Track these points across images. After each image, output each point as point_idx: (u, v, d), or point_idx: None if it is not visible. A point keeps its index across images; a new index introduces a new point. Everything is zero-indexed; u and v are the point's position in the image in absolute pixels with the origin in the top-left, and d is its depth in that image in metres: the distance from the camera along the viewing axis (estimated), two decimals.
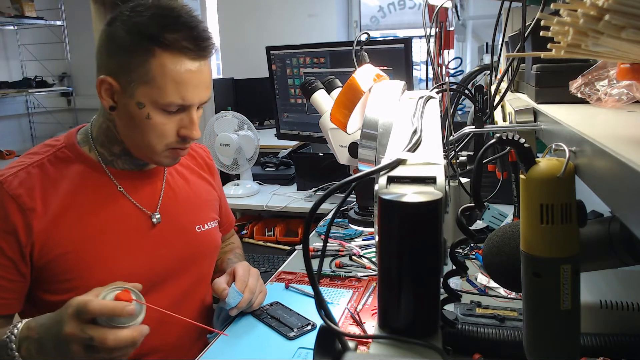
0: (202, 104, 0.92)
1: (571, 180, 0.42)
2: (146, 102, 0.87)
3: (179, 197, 1.06)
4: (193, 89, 0.88)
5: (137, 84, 0.86)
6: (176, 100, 0.87)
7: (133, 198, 0.98)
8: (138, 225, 0.98)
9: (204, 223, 1.09)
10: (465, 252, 1.21)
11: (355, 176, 0.46)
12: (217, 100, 3.21)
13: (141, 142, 0.92)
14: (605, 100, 0.51)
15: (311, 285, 0.45)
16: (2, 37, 3.92)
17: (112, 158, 0.97)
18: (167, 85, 0.86)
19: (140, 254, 0.96)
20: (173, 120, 0.90)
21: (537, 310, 0.45)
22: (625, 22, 0.29)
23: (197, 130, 0.92)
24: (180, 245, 1.03)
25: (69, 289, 0.88)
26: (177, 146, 0.93)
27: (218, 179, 1.23)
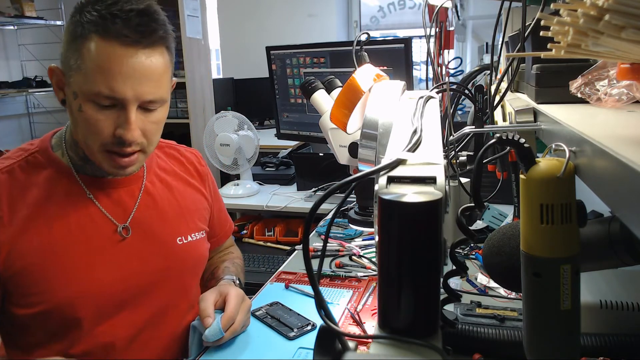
0: (144, 101, 0.82)
1: (571, 180, 0.42)
2: (78, 92, 0.81)
3: (159, 206, 0.98)
4: (124, 79, 0.79)
5: (74, 72, 0.80)
6: (103, 91, 0.78)
7: (104, 207, 0.91)
8: (107, 236, 0.91)
9: (187, 234, 1.01)
10: (465, 252, 1.21)
11: (355, 176, 0.46)
12: (217, 100, 3.21)
13: (81, 138, 0.86)
14: (605, 100, 0.51)
15: (311, 285, 0.45)
16: (2, 37, 3.92)
17: (81, 163, 0.91)
18: (95, 73, 0.78)
19: (108, 267, 0.90)
20: (108, 116, 0.81)
21: (537, 310, 0.45)
22: (625, 22, 0.29)
23: (131, 131, 0.82)
24: (156, 259, 0.95)
25: (35, 302, 0.85)
26: (113, 149, 0.84)
27: (211, 186, 1.15)
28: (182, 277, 1.01)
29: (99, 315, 0.89)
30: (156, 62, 0.82)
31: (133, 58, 0.79)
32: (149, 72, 0.81)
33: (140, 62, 0.80)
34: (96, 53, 0.78)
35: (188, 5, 2.83)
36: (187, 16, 2.81)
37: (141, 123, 0.84)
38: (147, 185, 0.99)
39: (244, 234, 1.99)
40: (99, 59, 0.78)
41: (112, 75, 0.78)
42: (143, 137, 0.85)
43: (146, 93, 0.82)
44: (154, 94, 0.83)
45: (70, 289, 0.86)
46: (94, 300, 0.88)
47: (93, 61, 0.79)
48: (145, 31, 0.80)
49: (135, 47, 0.79)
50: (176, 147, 1.13)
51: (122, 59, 0.79)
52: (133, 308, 0.93)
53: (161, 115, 0.88)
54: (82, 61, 0.79)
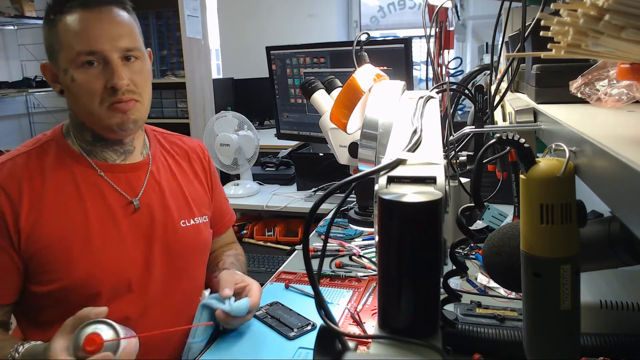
0: (123, 50, 0.92)
1: (571, 180, 0.42)
2: (66, 65, 0.90)
3: (164, 190, 1.05)
4: (97, 36, 0.89)
5: (58, 53, 0.91)
6: (83, 48, 0.88)
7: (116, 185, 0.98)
8: (120, 210, 0.97)
9: (190, 218, 1.07)
10: (465, 252, 1.21)
11: (355, 176, 0.46)
12: (217, 100, 3.21)
13: (82, 110, 0.93)
14: (605, 100, 0.51)
15: (311, 285, 0.45)
16: (2, 37, 3.92)
17: (90, 148, 0.98)
18: (72, 39, 0.89)
19: (121, 243, 0.96)
20: (96, 75, 0.90)
21: (537, 310, 0.45)
22: (625, 22, 0.29)
23: (119, 77, 0.90)
24: (162, 239, 1.01)
25: (54, 279, 0.90)
26: (111, 100, 0.92)
27: (213, 176, 1.20)
28: (187, 258, 1.06)
29: (112, 291, 0.94)
30: (122, 16, 0.94)
31: (98, 17, 0.91)
32: (116, 24, 0.92)
33: (106, 18, 0.92)
34: (68, 25, 0.90)
35: (188, 5, 2.83)
36: (187, 16, 2.81)
37: (128, 72, 0.93)
38: (152, 171, 1.05)
39: (244, 234, 1.99)
40: (72, 29, 0.90)
41: (86, 34, 0.89)
42: (133, 85, 0.93)
43: (120, 42, 0.91)
44: (128, 43, 0.93)
45: (87, 265, 0.92)
46: (108, 276, 0.93)
47: (67, 32, 0.90)
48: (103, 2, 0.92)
49: (98, 8, 0.91)
50: (180, 137, 1.19)
51: (90, 19, 0.90)
52: (141, 286, 0.98)
53: (142, 66, 0.96)
54: (60, 38, 0.90)
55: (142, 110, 0.97)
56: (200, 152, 1.18)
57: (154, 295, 0.99)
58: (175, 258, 1.03)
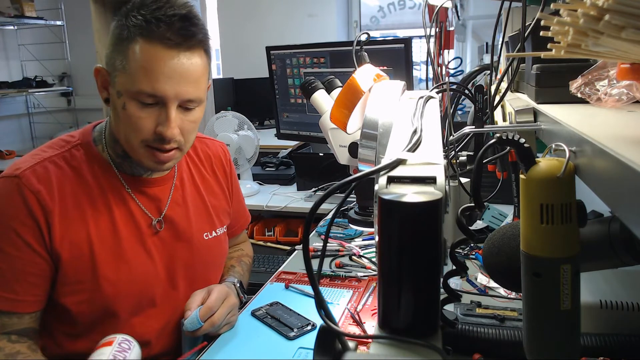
0: (184, 100, 0.87)
1: (571, 180, 0.42)
2: (122, 91, 0.85)
3: (188, 204, 1.04)
4: (166, 79, 0.84)
5: (118, 72, 0.85)
6: (146, 89, 0.83)
7: (140, 202, 0.97)
8: (144, 229, 0.97)
9: (212, 230, 1.07)
10: (465, 252, 1.21)
11: (355, 176, 0.46)
12: (217, 100, 3.21)
13: (122, 135, 0.90)
14: (605, 100, 0.51)
15: (311, 285, 0.45)
16: (2, 37, 3.92)
17: (120, 160, 0.96)
18: (138, 72, 0.83)
19: (146, 259, 0.96)
20: (149, 114, 0.86)
21: (537, 310, 0.45)
22: (625, 22, 0.29)
23: (171, 128, 0.86)
24: (185, 253, 1.01)
25: (80, 290, 0.90)
26: (154, 145, 0.88)
27: (233, 179, 1.19)
28: (208, 270, 1.07)
29: (136, 306, 0.95)
30: (195, 64, 0.87)
31: (174, 59, 0.84)
32: (188, 73, 0.86)
33: (181, 63, 0.85)
34: (140, 55, 0.83)
35: None
36: None
37: (180, 121, 0.88)
38: (177, 185, 1.04)
39: None
40: (143, 60, 0.83)
41: (155, 75, 0.83)
42: (181, 135, 0.89)
43: (185, 92, 0.86)
44: (193, 94, 0.88)
45: (113, 279, 0.91)
46: (133, 292, 0.93)
47: (137, 62, 0.83)
48: (186, 35, 0.84)
49: (177, 49, 0.84)
50: (204, 140, 1.17)
51: (165, 60, 0.83)
52: (164, 300, 0.98)
53: (198, 114, 0.92)
54: (127, 62, 0.84)
55: (180, 156, 0.95)
56: (222, 156, 1.17)
57: (175, 307, 0.99)
58: (197, 271, 1.03)
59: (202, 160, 1.12)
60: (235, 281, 1.09)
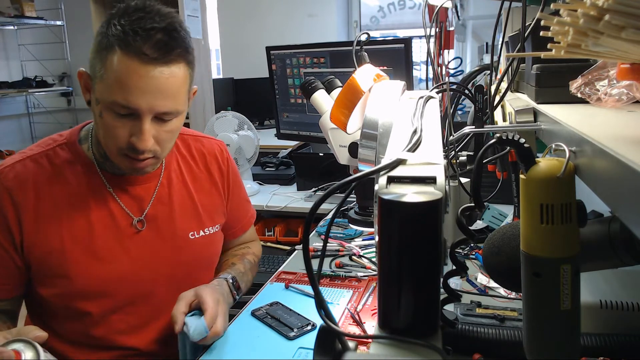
0: (159, 113, 0.86)
1: (571, 180, 0.42)
2: (99, 99, 0.85)
3: (173, 202, 1.03)
4: (140, 93, 0.82)
5: (97, 80, 0.85)
6: (119, 101, 0.83)
7: (122, 202, 0.97)
8: (124, 228, 0.96)
9: (200, 229, 1.05)
10: (465, 252, 1.21)
11: (355, 176, 0.46)
12: (217, 100, 3.21)
13: (101, 140, 0.91)
14: (605, 100, 0.51)
15: (311, 285, 0.45)
16: (2, 37, 3.92)
17: (102, 160, 0.96)
18: (113, 84, 0.82)
19: (124, 258, 0.95)
20: (124, 124, 0.86)
21: (537, 310, 0.45)
22: (625, 22, 0.29)
23: (144, 141, 0.86)
24: (167, 253, 1.00)
25: (56, 284, 0.91)
26: (129, 154, 0.88)
27: (232, 178, 1.16)
28: (193, 270, 1.05)
29: (114, 304, 0.95)
30: (173, 78, 0.85)
31: (150, 74, 0.82)
32: (165, 87, 0.84)
33: (156, 77, 0.83)
34: (117, 66, 0.82)
35: (188, 6, 2.83)
36: (187, 16, 2.81)
37: (155, 132, 0.88)
38: (163, 183, 1.03)
39: None
40: (118, 72, 0.82)
41: (128, 88, 0.82)
42: (156, 145, 0.89)
43: (161, 106, 0.85)
44: (169, 107, 0.87)
45: (88, 277, 0.92)
46: (110, 289, 0.93)
47: (113, 73, 0.82)
48: (164, 49, 0.83)
49: (154, 64, 0.82)
50: (200, 138, 1.15)
51: (140, 74, 0.82)
52: (145, 299, 0.98)
53: (175, 124, 0.91)
54: (104, 71, 0.83)
55: (157, 163, 0.95)
56: (218, 154, 1.14)
57: (159, 307, 0.99)
58: (182, 271, 1.02)
59: (195, 158, 1.11)
60: (229, 277, 1.05)
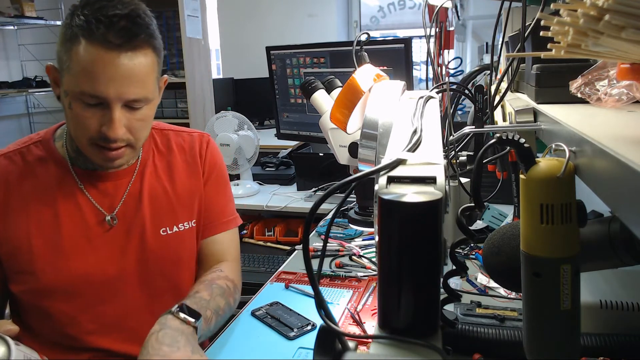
0: (128, 100, 0.85)
1: (571, 180, 0.42)
2: (68, 91, 0.85)
3: (145, 198, 1.00)
4: (107, 81, 0.82)
5: (65, 72, 0.85)
6: (87, 90, 0.82)
7: (93, 197, 0.96)
8: (94, 224, 0.95)
9: (174, 225, 1.02)
10: (465, 252, 1.21)
11: (355, 176, 0.46)
12: (217, 100, 3.21)
13: (72, 133, 0.91)
14: (605, 100, 0.51)
15: (311, 285, 0.45)
16: (2, 37, 3.92)
17: (75, 155, 0.96)
18: (80, 74, 0.83)
19: (93, 254, 0.94)
20: (93, 114, 0.85)
21: (537, 310, 0.45)
22: (625, 22, 0.29)
23: (115, 129, 0.85)
24: (136, 250, 0.97)
25: (25, 281, 0.91)
26: (101, 144, 0.87)
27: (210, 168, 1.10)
28: (165, 268, 1.01)
29: (84, 302, 0.94)
30: (139, 64, 0.85)
31: (115, 61, 0.82)
32: (131, 73, 0.84)
33: (122, 64, 0.83)
34: (82, 56, 0.82)
35: (188, 5, 2.83)
36: (187, 16, 2.81)
37: (126, 120, 0.87)
38: (136, 179, 1.01)
39: (244, 234, 1.99)
40: (84, 62, 0.82)
41: (95, 77, 0.82)
42: (129, 133, 0.89)
43: (129, 93, 0.85)
44: (138, 94, 0.86)
45: (56, 271, 0.91)
46: (77, 287, 0.93)
47: (79, 63, 0.83)
48: (128, 35, 0.83)
49: (118, 50, 0.82)
50: (181, 133, 1.11)
51: (106, 62, 0.82)
52: (115, 298, 0.96)
53: (147, 112, 0.91)
54: (70, 62, 0.83)
55: (133, 153, 0.94)
56: (198, 146, 1.09)
57: (133, 306, 0.97)
58: (153, 268, 0.99)
59: (174, 152, 1.07)
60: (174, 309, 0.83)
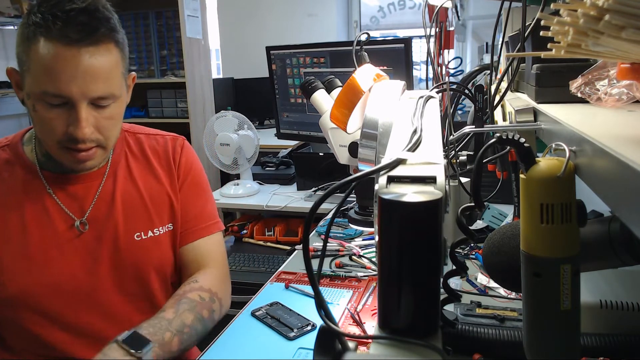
0: (93, 98, 0.82)
1: (571, 180, 0.42)
2: (30, 92, 0.82)
3: (117, 202, 0.96)
4: (69, 79, 0.79)
5: (25, 74, 0.82)
6: (50, 90, 0.80)
7: (62, 202, 0.92)
8: (63, 230, 0.91)
9: (149, 230, 0.98)
10: (465, 252, 1.21)
11: (355, 176, 0.46)
12: (217, 100, 3.21)
13: (40, 136, 0.88)
14: (605, 100, 0.51)
15: (311, 285, 0.45)
16: (2, 37, 3.92)
17: (44, 159, 0.93)
18: (41, 73, 0.80)
19: (63, 261, 0.90)
20: (58, 115, 0.82)
21: (537, 310, 0.45)
22: (625, 22, 0.29)
23: (82, 129, 0.82)
24: (109, 255, 0.94)
25: None
26: (69, 145, 0.85)
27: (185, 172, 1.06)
28: (142, 274, 0.98)
29: (57, 310, 0.90)
30: (102, 59, 0.82)
31: (76, 57, 0.79)
32: (93, 69, 0.81)
33: (84, 60, 0.80)
34: (41, 54, 0.79)
35: (188, 5, 2.83)
36: (187, 16, 2.81)
37: (94, 119, 0.85)
38: (107, 181, 0.97)
39: (244, 233, 1.99)
40: (44, 60, 0.79)
41: (56, 75, 0.79)
42: (97, 132, 0.86)
43: (93, 90, 0.82)
44: (103, 90, 0.83)
45: (24, 280, 0.87)
46: (50, 294, 0.89)
47: (39, 62, 0.79)
48: (86, 29, 0.80)
49: (78, 46, 0.79)
50: (155, 136, 1.08)
51: (66, 59, 0.79)
52: (90, 305, 0.92)
53: (115, 110, 0.88)
54: (30, 63, 0.80)
55: (104, 154, 0.91)
56: (171, 150, 1.06)
57: (108, 315, 0.94)
58: (127, 274, 0.96)
59: (147, 155, 1.04)
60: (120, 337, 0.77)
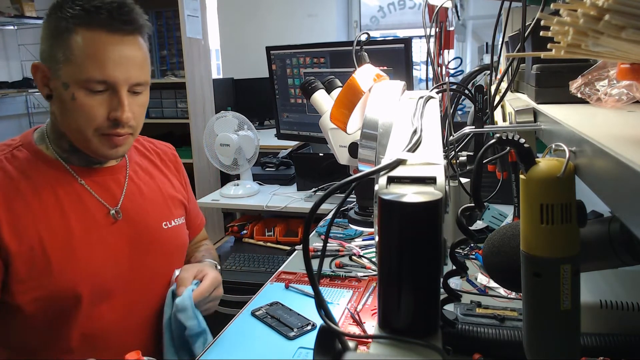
0: (133, 84, 0.89)
1: (571, 180, 0.42)
2: (70, 82, 0.86)
3: (144, 192, 1.04)
4: (114, 65, 0.86)
5: (62, 64, 0.86)
6: (95, 76, 0.85)
7: (95, 192, 0.96)
8: (100, 219, 0.95)
9: (171, 219, 1.07)
10: (465, 252, 1.21)
11: (355, 176, 0.46)
12: (217, 100, 3.21)
13: (73, 128, 0.90)
14: (605, 100, 0.51)
15: (311, 285, 0.45)
16: (2, 37, 3.92)
17: (66, 155, 0.95)
18: (85, 60, 0.84)
19: (103, 249, 0.94)
20: (100, 101, 0.87)
21: (537, 310, 0.45)
22: (625, 22, 0.29)
23: (126, 112, 0.88)
24: (144, 242, 1.00)
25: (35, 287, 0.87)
26: (109, 131, 0.89)
27: (185, 178, 1.21)
28: (168, 260, 1.06)
29: (94, 298, 0.93)
30: (140, 48, 0.91)
31: (120, 45, 0.87)
32: (134, 56, 0.89)
33: (126, 48, 0.88)
34: (85, 43, 0.85)
35: (188, 5, 2.83)
36: (187, 16, 2.81)
37: (131, 106, 0.90)
38: (131, 174, 1.04)
39: (244, 234, 1.99)
40: (88, 48, 0.85)
41: (102, 61, 0.85)
42: (133, 119, 0.91)
43: (135, 77, 0.89)
44: (141, 77, 0.91)
45: (70, 271, 0.89)
46: (92, 282, 0.92)
47: (83, 51, 0.85)
48: (128, 20, 0.88)
49: (121, 34, 0.87)
50: (150, 140, 1.19)
51: (111, 45, 0.86)
52: (125, 291, 0.97)
53: (145, 98, 0.95)
54: (70, 52, 0.85)
55: (132, 141, 0.97)
56: (171, 155, 1.18)
57: (135, 299, 0.98)
58: (159, 261, 1.03)
59: (151, 153, 1.14)
60: (215, 263, 1.14)
